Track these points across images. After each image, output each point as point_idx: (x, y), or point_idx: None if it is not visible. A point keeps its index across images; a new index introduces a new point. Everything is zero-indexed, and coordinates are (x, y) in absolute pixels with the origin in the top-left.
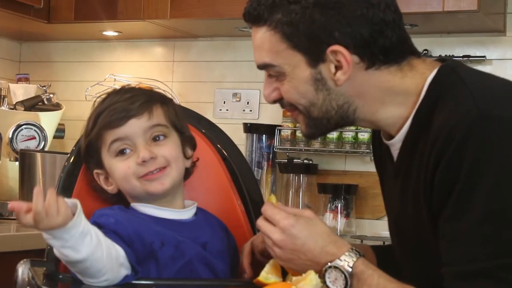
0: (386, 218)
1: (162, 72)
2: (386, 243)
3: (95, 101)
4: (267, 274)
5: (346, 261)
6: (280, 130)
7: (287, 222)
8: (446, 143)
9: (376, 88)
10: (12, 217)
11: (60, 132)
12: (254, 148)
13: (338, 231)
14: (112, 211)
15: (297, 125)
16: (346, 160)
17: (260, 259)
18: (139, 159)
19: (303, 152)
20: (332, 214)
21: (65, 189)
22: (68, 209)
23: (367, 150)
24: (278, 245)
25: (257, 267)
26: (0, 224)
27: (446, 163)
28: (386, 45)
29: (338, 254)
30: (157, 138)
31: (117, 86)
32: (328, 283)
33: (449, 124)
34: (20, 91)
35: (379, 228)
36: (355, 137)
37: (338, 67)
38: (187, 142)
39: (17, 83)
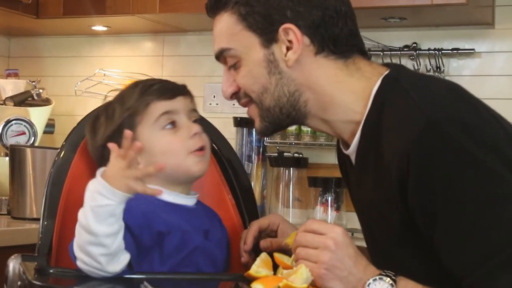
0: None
1: (152, 67)
2: None
3: (105, 98)
4: (258, 268)
5: (389, 275)
6: None
7: (342, 228)
8: (404, 161)
9: (323, 79)
10: (3, 213)
11: (50, 127)
12: (244, 142)
13: None
14: None
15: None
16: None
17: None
18: (191, 131)
19: (293, 146)
20: (323, 208)
21: (56, 184)
22: None
23: None
24: (330, 249)
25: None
26: None
27: (415, 182)
28: (336, 33)
29: (378, 272)
30: (195, 121)
31: (107, 81)
32: None
33: (403, 139)
34: (10, 87)
35: None
36: None
37: (288, 48)
38: None
39: (6, 78)
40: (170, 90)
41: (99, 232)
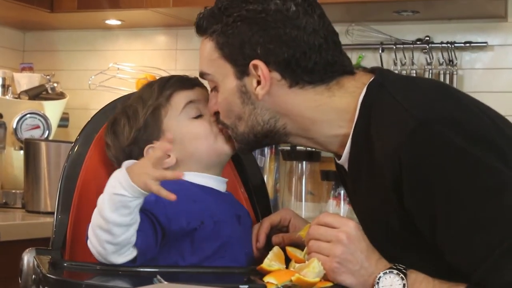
0: None
1: (165, 61)
2: None
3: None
4: (270, 262)
5: (399, 269)
6: None
7: (355, 222)
8: (396, 163)
9: (302, 106)
10: (17, 206)
11: (64, 121)
12: None
13: None
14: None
15: None
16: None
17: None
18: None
19: None
20: (335, 201)
21: (70, 178)
22: None
23: None
24: (342, 243)
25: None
26: (5, 213)
27: (409, 185)
28: (310, 67)
29: (390, 265)
30: None
31: (121, 75)
32: None
33: (392, 143)
34: (24, 81)
35: None
36: None
37: (259, 82)
38: None
39: (21, 72)
40: (188, 81)
41: (109, 218)
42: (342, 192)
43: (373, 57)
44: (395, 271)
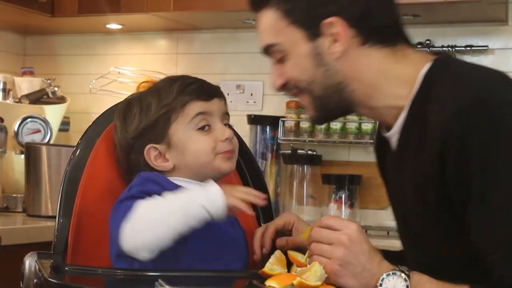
0: (390, 208)
1: (166, 65)
2: (390, 233)
3: (139, 84)
4: (272, 266)
5: (402, 271)
6: (284, 122)
7: (357, 225)
8: (447, 133)
9: (369, 68)
10: (18, 210)
11: (65, 125)
12: (258, 140)
13: None
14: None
15: (302, 116)
16: (349, 151)
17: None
18: (224, 136)
19: (307, 143)
20: (336, 205)
21: (72, 182)
22: None
23: (371, 141)
24: (345, 245)
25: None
26: (6, 217)
27: (455, 157)
28: (381, 22)
29: (393, 267)
30: (226, 125)
31: (121, 79)
32: None
33: (448, 113)
34: (25, 85)
35: (383, 218)
36: (359, 128)
37: (334, 41)
38: None
39: (21, 76)
40: (208, 91)
41: (176, 221)
42: (343, 195)
43: None
44: (398, 273)
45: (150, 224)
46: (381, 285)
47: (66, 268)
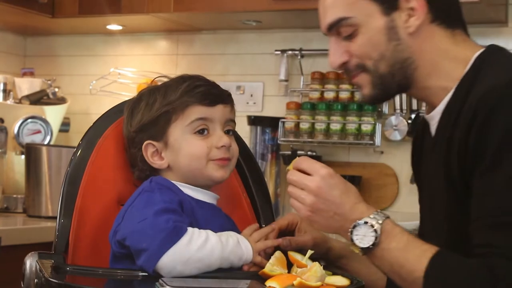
0: (389, 209)
1: (166, 66)
2: None
3: (152, 81)
4: (272, 266)
5: (376, 219)
6: (283, 123)
7: (327, 170)
8: (479, 106)
9: (433, 46)
10: (19, 211)
11: (65, 126)
12: (258, 141)
13: None
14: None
15: (301, 117)
16: (349, 152)
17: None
18: (220, 143)
19: (307, 144)
20: None
21: (72, 183)
22: None
23: (370, 142)
24: (313, 192)
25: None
26: (6, 218)
27: (480, 124)
28: (449, 3)
29: (368, 213)
30: (228, 132)
31: (122, 80)
32: (355, 240)
33: (486, 86)
34: (25, 85)
35: None
36: (358, 129)
37: (409, 15)
38: None
39: (22, 77)
40: (213, 96)
41: (211, 264)
42: None
43: None
44: (370, 221)
45: (198, 265)
46: (351, 232)
47: (67, 268)
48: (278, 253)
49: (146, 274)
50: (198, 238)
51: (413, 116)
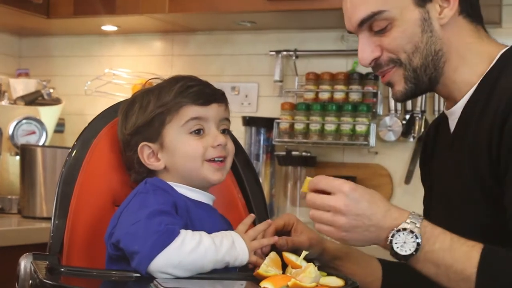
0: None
1: (161, 66)
2: None
3: (145, 82)
4: (267, 267)
5: (414, 223)
6: (278, 123)
7: (349, 185)
8: (505, 106)
9: (461, 38)
10: (13, 212)
11: (60, 127)
12: (252, 141)
13: None
14: (166, 192)
15: (296, 117)
16: (344, 152)
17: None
18: (215, 142)
19: (302, 145)
20: None
21: (67, 183)
22: None
23: (365, 142)
24: (342, 212)
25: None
26: (1, 219)
27: (509, 128)
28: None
29: (402, 218)
30: (223, 131)
31: (116, 81)
32: (396, 249)
33: (509, 88)
34: (20, 86)
35: None
36: (353, 129)
37: (442, 6)
38: None
39: (17, 78)
40: (206, 95)
41: (204, 266)
42: None
43: None
44: (408, 226)
45: (190, 268)
46: (391, 241)
47: (62, 269)
48: (272, 254)
49: (140, 275)
50: (191, 241)
51: (407, 116)
